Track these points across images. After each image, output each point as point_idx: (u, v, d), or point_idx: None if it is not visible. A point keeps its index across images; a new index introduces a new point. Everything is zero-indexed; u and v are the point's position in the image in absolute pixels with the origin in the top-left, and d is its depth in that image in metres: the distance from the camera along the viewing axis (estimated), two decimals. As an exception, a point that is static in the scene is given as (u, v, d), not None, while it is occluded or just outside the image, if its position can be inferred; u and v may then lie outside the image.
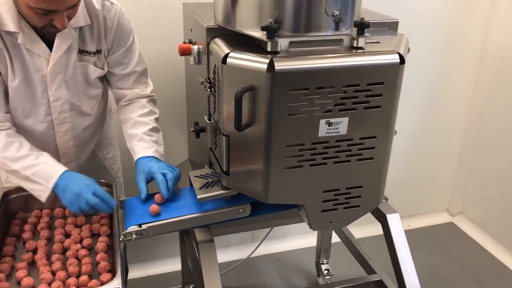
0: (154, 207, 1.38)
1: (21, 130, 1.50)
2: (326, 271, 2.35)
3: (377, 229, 1.78)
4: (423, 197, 2.94)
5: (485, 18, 2.53)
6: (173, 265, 2.40)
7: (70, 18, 1.33)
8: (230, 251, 2.53)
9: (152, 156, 1.53)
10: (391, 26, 1.49)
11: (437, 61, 2.55)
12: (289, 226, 2.60)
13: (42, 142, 1.55)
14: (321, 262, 2.38)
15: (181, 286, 2.22)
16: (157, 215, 1.37)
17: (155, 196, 1.43)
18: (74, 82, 1.50)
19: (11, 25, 1.33)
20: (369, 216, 1.75)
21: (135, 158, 1.54)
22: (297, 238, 2.67)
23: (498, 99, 2.59)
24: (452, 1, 2.43)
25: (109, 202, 1.37)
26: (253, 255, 2.40)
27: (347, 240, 2.03)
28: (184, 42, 1.57)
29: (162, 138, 1.64)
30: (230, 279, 2.40)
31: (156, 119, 1.65)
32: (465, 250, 2.74)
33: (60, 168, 1.40)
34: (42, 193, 1.39)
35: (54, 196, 1.44)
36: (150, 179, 1.48)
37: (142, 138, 1.56)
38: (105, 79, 1.62)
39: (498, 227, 2.73)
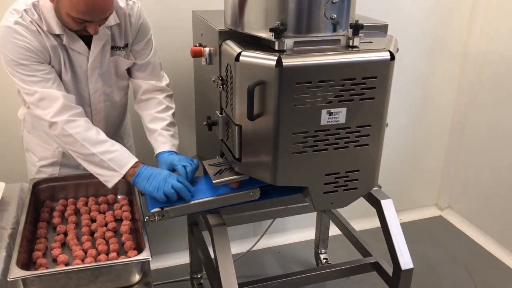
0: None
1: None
2: (324, 260, 2.50)
3: (373, 223, 1.94)
4: (413, 193, 3.11)
5: (465, 26, 2.74)
6: (180, 258, 2.54)
7: (100, 25, 1.52)
8: (232, 245, 2.63)
9: (171, 151, 1.68)
10: (382, 29, 1.66)
11: (424, 63, 2.73)
12: (289, 221, 2.76)
13: None
14: (319, 252, 2.53)
15: (189, 276, 2.36)
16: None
17: None
18: (108, 75, 1.68)
19: (56, 29, 1.52)
20: (365, 209, 1.91)
21: (156, 152, 1.70)
22: (296, 232, 2.82)
23: (481, 98, 2.78)
24: (434, 10, 2.62)
25: (191, 189, 1.52)
26: (254, 248, 2.55)
27: (344, 228, 2.18)
28: (195, 46, 1.73)
29: (177, 131, 1.80)
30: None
31: (173, 114, 1.80)
32: (453, 240, 2.91)
33: (134, 158, 1.55)
34: (111, 178, 1.52)
35: (77, 186, 1.61)
36: (172, 171, 1.61)
37: (161, 133, 1.72)
38: (128, 71, 1.79)
39: (484, 219, 2.90)
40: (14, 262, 1.23)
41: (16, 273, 1.20)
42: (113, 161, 1.52)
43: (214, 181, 1.50)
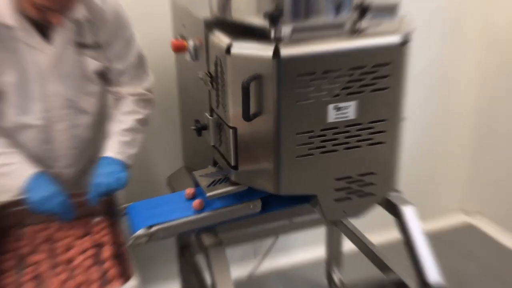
0: (198, 202, 1.55)
1: (17, 128, 1.67)
2: (338, 281, 2.52)
3: (392, 234, 1.94)
4: (435, 197, 3.13)
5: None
6: (170, 286, 2.54)
7: (66, 16, 1.52)
8: (231, 268, 2.67)
9: (113, 157, 1.72)
10: (392, 9, 1.69)
11: (441, 47, 2.77)
12: (295, 237, 2.77)
13: (40, 142, 1.72)
14: (332, 271, 2.55)
15: (181, 307, 2.36)
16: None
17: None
18: (71, 77, 1.68)
19: (8, 19, 1.51)
20: (382, 219, 1.92)
21: (102, 154, 1.74)
22: (304, 250, 2.84)
23: (510, 85, 2.82)
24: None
25: (71, 213, 1.62)
26: (256, 271, 2.56)
27: (359, 242, 2.19)
28: (176, 39, 1.76)
29: (139, 140, 1.84)
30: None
31: (139, 120, 1.83)
32: (485, 250, 2.94)
33: (31, 169, 1.61)
34: (9, 191, 1.60)
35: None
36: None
37: (112, 137, 1.77)
38: (103, 77, 1.79)
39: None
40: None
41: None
42: (10, 175, 1.61)
43: (207, 194, 1.51)
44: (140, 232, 1.47)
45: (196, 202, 1.55)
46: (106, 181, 1.63)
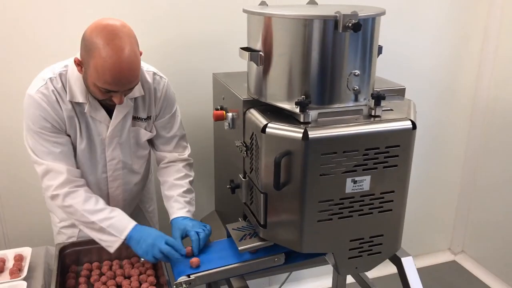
0: (194, 260, 1.51)
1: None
2: (342, 312, 2.46)
3: (389, 269, 1.91)
4: (426, 237, 3.08)
5: (475, 74, 2.78)
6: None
7: (126, 95, 1.54)
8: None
9: (185, 216, 1.69)
10: (399, 92, 1.69)
11: (433, 112, 2.76)
12: (305, 270, 2.73)
13: (97, 194, 1.70)
14: (337, 303, 2.49)
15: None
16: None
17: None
18: (127, 144, 1.70)
19: (80, 98, 1.55)
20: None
21: (171, 217, 1.70)
22: (312, 281, 2.79)
23: (493, 142, 2.79)
24: (445, 56, 2.67)
25: (180, 249, 1.52)
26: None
27: (362, 281, 2.15)
28: (216, 109, 1.76)
29: (194, 198, 1.80)
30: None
31: (190, 182, 1.81)
32: (467, 286, 2.87)
33: (132, 222, 1.58)
34: (113, 243, 1.55)
35: (100, 250, 1.61)
36: (185, 236, 1.62)
37: (177, 199, 1.73)
38: (150, 142, 1.80)
39: (498, 264, 2.87)
40: None
41: None
42: (112, 227, 1.55)
43: (239, 248, 1.50)
44: (181, 279, 1.45)
45: (194, 260, 1.51)
46: (201, 230, 1.60)
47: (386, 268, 2.29)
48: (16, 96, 1.71)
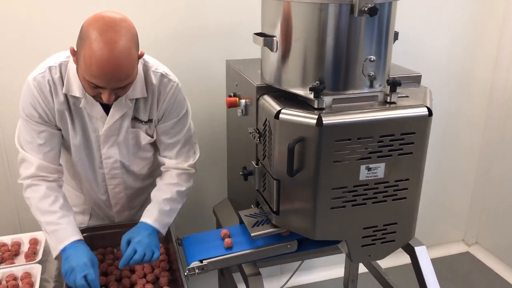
0: (228, 241, 1.54)
1: (81, 178, 1.68)
2: (354, 301, 2.46)
3: (402, 259, 1.90)
4: (439, 228, 3.06)
5: (493, 61, 2.73)
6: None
7: (118, 95, 1.43)
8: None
9: (150, 225, 1.56)
10: (415, 79, 1.67)
11: (450, 101, 2.72)
12: (317, 259, 2.72)
13: (97, 191, 1.72)
14: (349, 292, 2.49)
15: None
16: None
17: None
18: (125, 145, 1.63)
19: (76, 91, 1.49)
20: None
21: (141, 219, 1.59)
22: (324, 270, 2.79)
23: (509, 132, 2.75)
24: (462, 46, 2.63)
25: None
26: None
27: (374, 270, 2.15)
28: (229, 96, 1.76)
29: (177, 210, 1.67)
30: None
31: (179, 192, 1.66)
32: (481, 277, 2.85)
33: (74, 237, 1.47)
34: (53, 250, 1.51)
35: (114, 235, 1.62)
36: (129, 243, 1.51)
37: (153, 205, 1.62)
38: (155, 145, 1.72)
39: (512, 255, 2.85)
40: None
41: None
42: (53, 234, 1.48)
43: (252, 234, 1.50)
44: (193, 264, 1.46)
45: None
46: (141, 250, 1.47)
47: (399, 259, 2.31)
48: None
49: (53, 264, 1.59)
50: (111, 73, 1.32)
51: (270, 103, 1.44)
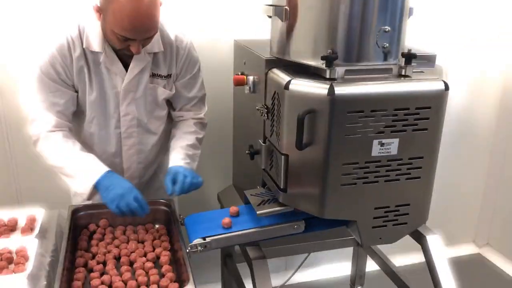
0: (226, 220, 1.47)
1: (95, 139, 1.66)
2: (361, 298, 2.39)
3: (414, 258, 1.82)
4: (449, 229, 2.97)
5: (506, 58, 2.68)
6: (212, 291, 2.45)
7: (144, 45, 1.51)
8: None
9: (182, 166, 1.63)
10: (430, 59, 1.61)
11: (462, 96, 2.66)
12: (323, 255, 2.66)
13: (110, 155, 1.69)
14: (355, 288, 2.42)
15: (221, 310, 2.27)
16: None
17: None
18: (143, 101, 1.65)
19: (96, 47, 1.52)
20: (406, 245, 1.81)
21: (169, 165, 1.64)
22: (330, 267, 2.72)
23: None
24: (476, 44, 2.58)
25: (145, 208, 1.49)
26: (286, 284, 2.45)
27: (383, 264, 2.08)
28: (237, 74, 1.71)
29: (198, 155, 1.76)
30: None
31: (198, 139, 1.77)
32: (492, 280, 2.77)
33: (105, 168, 1.53)
34: (84, 189, 1.51)
35: (115, 214, 1.56)
36: (175, 180, 1.56)
37: (178, 151, 1.69)
38: (169, 103, 1.76)
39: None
40: (56, 293, 1.18)
41: (59, 304, 1.15)
42: (83, 172, 1.52)
43: (257, 212, 1.44)
44: (196, 241, 1.40)
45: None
46: (190, 176, 1.56)
47: (411, 258, 2.23)
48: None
49: (50, 241, 1.54)
50: (142, 24, 1.40)
51: (279, 75, 1.39)
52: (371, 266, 2.37)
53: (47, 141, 1.55)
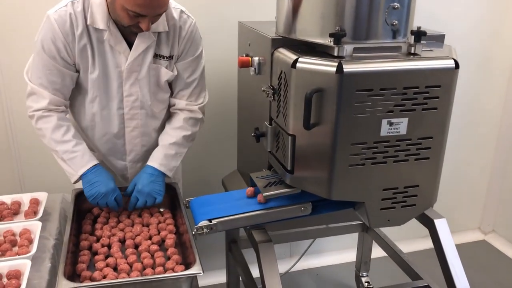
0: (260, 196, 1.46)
1: (97, 119, 1.64)
2: (366, 283, 2.37)
3: (419, 245, 1.79)
4: (455, 215, 2.96)
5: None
6: (216, 277, 2.44)
7: (153, 22, 1.48)
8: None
9: (155, 168, 1.63)
10: (438, 39, 1.59)
11: (470, 80, 2.63)
12: (328, 241, 2.64)
13: (112, 136, 1.67)
14: (361, 275, 2.40)
15: (226, 296, 2.26)
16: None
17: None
18: (146, 82, 1.62)
19: (100, 23, 1.49)
20: (410, 230, 1.78)
21: (147, 162, 1.66)
22: (335, 254, 2.70)
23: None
24: (483, 27, 2.54)
25: (121, 206, 1.60)
26: (291, 270, 2.44)
27: (390, 250, 2.06)
28: (242, 56, 1.68)
29: (183, 154, 1.72)
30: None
31: (186, 137, 1.70)
32: (498, 266, 2.75)
33: (92, 162, 1.58)
34: (72, 176, 1.58)
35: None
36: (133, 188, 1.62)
37: (158, 149, 1.67)
38: (170, 87, 1.72)
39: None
40: (62, 274, 1.16)
41: (64, 285, 1.14)
42: (72, 161, 1.56)
43: (264, 194, 1.42)
44: (202, 223, 1.38)
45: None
46: (142, 199, 1.59)
47: (418, 244, 2.21)
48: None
49: (54, 224, 1.52)
50: (155, 1, 1.39)
51: (285, 54, 1.37)
52: (376, 253, 2.37)
53: (43, 122, 1.56)
